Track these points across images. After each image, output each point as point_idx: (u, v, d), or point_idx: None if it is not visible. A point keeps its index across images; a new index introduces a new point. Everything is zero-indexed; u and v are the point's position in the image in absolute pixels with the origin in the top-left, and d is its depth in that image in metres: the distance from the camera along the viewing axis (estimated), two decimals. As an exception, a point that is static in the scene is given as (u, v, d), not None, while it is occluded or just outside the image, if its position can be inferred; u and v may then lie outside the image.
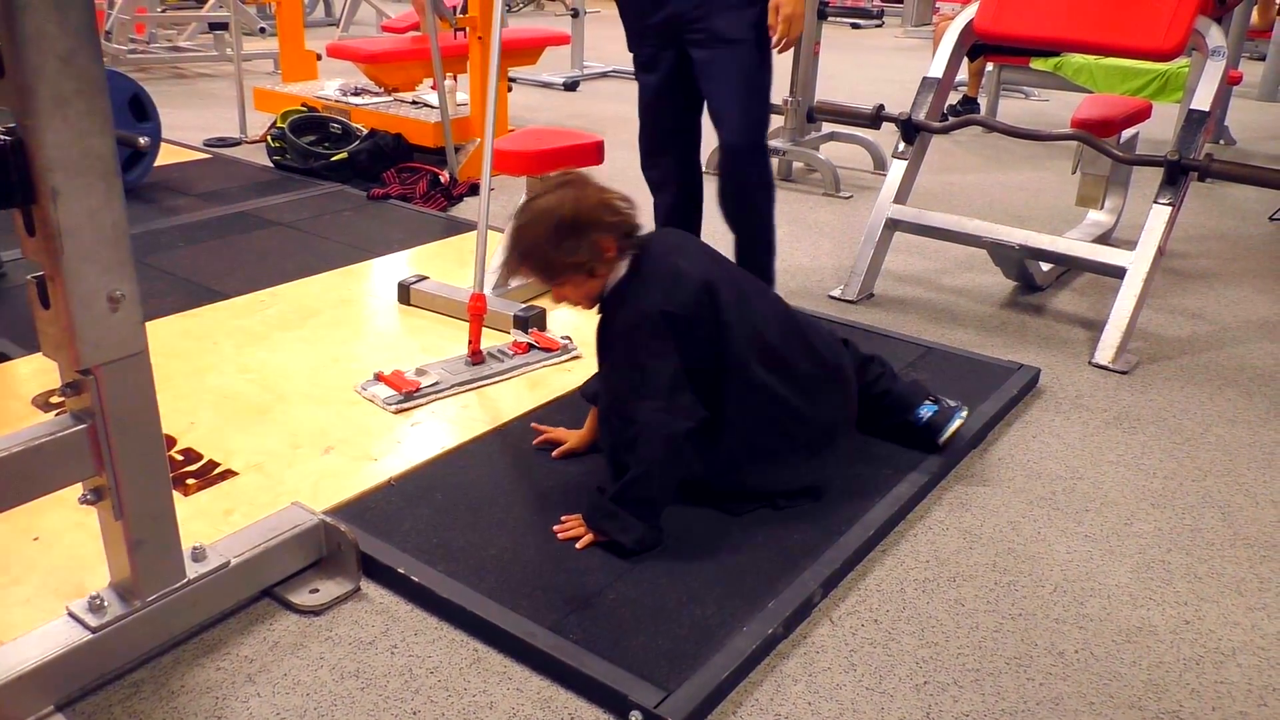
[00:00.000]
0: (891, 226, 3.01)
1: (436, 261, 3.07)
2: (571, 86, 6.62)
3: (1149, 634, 1.59)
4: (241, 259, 3.09)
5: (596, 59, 7.31)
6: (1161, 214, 2.63)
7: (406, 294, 2.72)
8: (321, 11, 9.53)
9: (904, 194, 3.02)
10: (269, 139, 4.29)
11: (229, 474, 1.88)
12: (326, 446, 1.99)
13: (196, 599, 1.47)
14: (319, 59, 5.42)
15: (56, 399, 2.12)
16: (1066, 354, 2.63)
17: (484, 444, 2.03)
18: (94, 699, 1.38)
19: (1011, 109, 6.08)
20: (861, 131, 4.52)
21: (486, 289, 2.40)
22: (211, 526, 1.70)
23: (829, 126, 4.54)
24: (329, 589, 1.60)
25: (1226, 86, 2.76)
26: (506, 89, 4.83)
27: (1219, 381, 2.51)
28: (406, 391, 2.18)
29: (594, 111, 5.89)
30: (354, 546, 1.61)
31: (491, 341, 2.44)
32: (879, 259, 3.02)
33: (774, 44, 2.39)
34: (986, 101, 5.73)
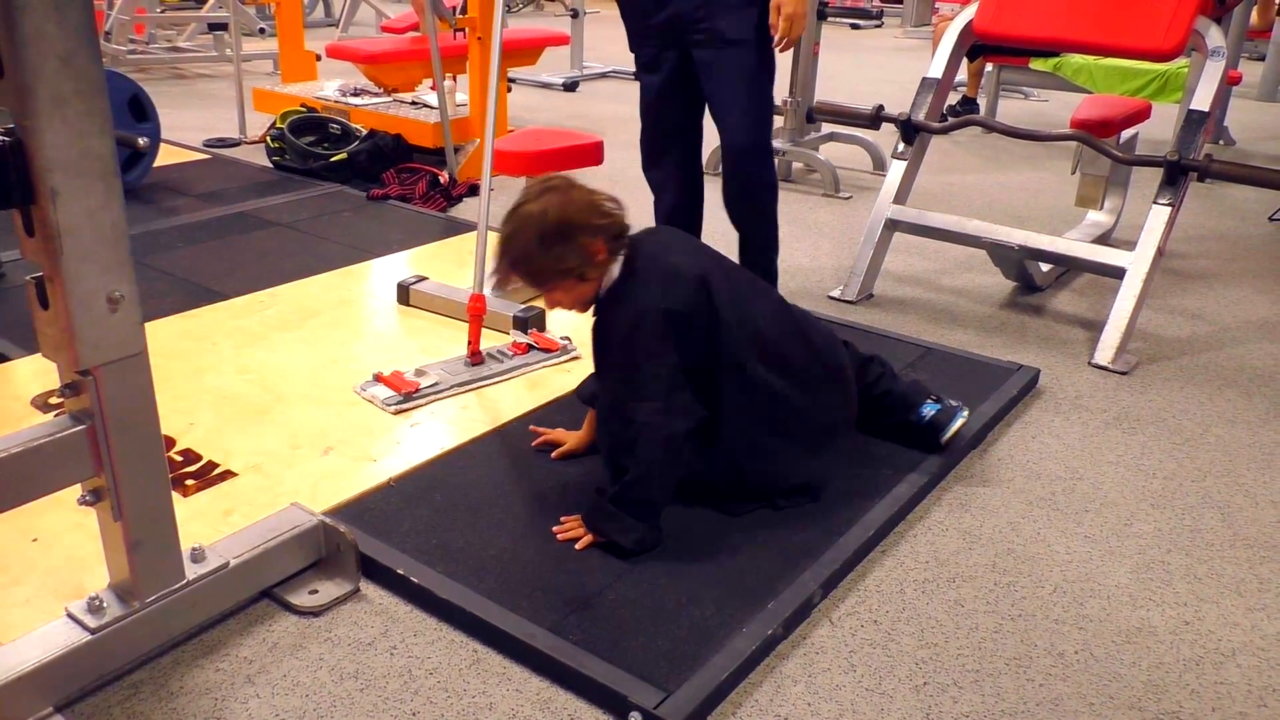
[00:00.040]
0: (891, 227, 3.01)
1: (436, 262, 3.07)
2: (571, 87, 6.62)
3: (1149, 635, 1.59)
4: (241, 260, 3.09)
5: (596, 59, 7.32)
6: (1161, 214, 2.63)
7: (406, 294, 2.72)
8: (321, 12, 9.53)
9: (903, 194, 3.02)
10: (268, 139, 4.29)
11: (228, 475, 1.88)
12: (326, 447, 1.99)
13: (195, 600, 1.47)
14: (318, 59, 5.42)
15: (55, 400, 2.11)
16: (1066, 354, 2.63)
17: (483, 445, 2.03)
18: (93, 700, 1.38)
19: (1011, 109, 6.08)
20: (861, 132, 4.53)
21: (486, 289, 2.39)
22: (211, 527, 1.70)
23: (828, 127, 4.55)
24: (328, 590, 1.60)
25: (1226, 87, 2.75)
26: (506, 89, 4.83)
27: (1218, 382, 2.51)
28: (406, 392, 2.18)
29: (593, 112, 5.89)
30: (353, 547, 1.61)
31: (491, 342, 2.44)
32: (878, 259, 3.02)
33: (775, 43, 2.38)
34: (986, 102, 5.73)
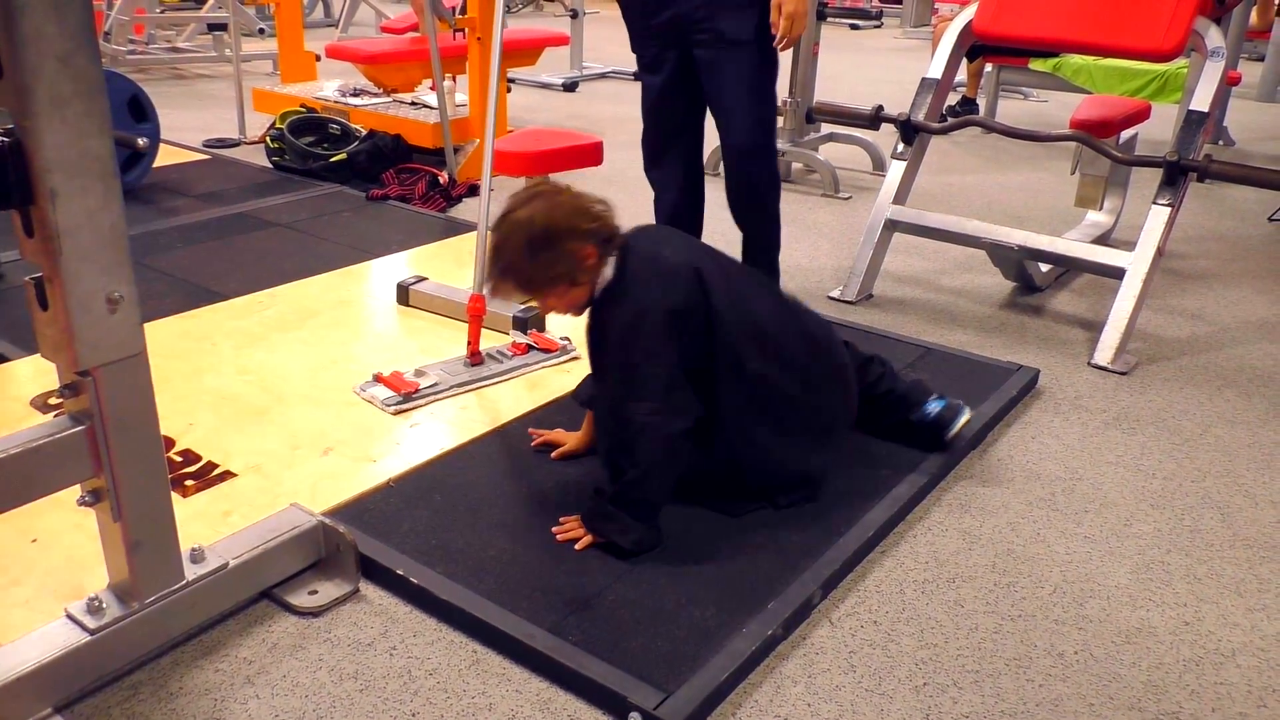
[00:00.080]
0: (890, 227, 3.01)
1: (435, 262, 3.07)
2: (570, 87, 6.62)
3: (1148, 635, 1.59)
4: (240, 260, 3.08)
5: (595, 60, 7.32)
6: (1160, 215, 2.63)
7: (405, 295, 2.72)
8: (320, 12, 9.52)
9: (903, 195, 3.02)
10: (268, 140, 4.29)
11: (228, 475, 1.88)
12: (325, 448, 1.99)
13: (195, 600, 1.47)
14: (318, 60, 5.42)
15: (55, 400, 2.11)
16: (1065, 355, 2.63)
17: (483, 445, 2.03)
18: (92, 701, 1.38)
19: (1010, 110, 6.08)
20: (860, 132, 4.53)
21: (485, 290, 2.39)
22: (210, 528, 1.70)
23: (828, 127, 4.54)
24: (328, 590, 1.60)
25: (1225, 87, 2.75)
26: (505, 90, 4.83)
27: (1218, 382, 2.51)
28: (405, 393, 2.18)
29: (593, 112, 5.89)
30: (353, 548, 1.60)
31: (490, 342, 2.44)
32: (878, 260, 3.02)
33: (776, 42, 2.39)
34: (985, 102, 5.73)
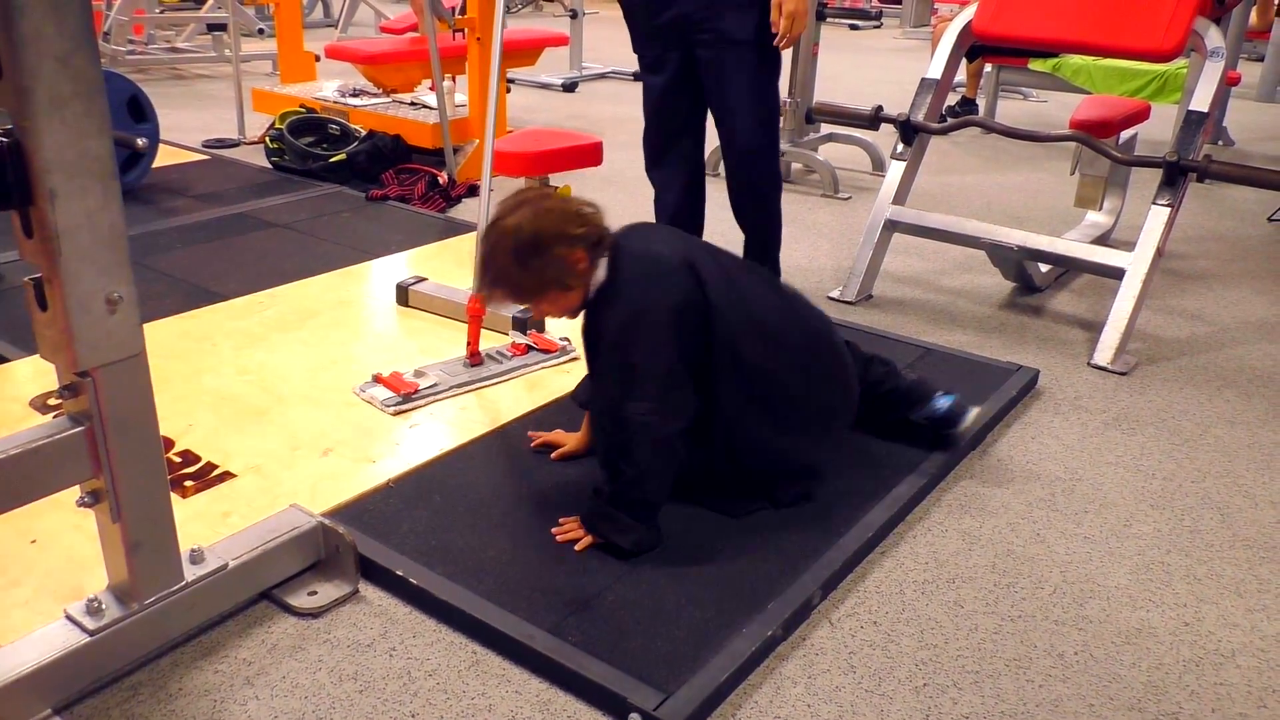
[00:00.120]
0: (890, 227, 3.01)
1: (435, 263, 3.07)
2: (570, 88, 6.62)
3: (1148, 635, 1.59)
4: (240, 260, 3.08)
5: (595, 60, 7.32)
6: (1160, 215, 2.63)
7: (405, 295, 2.72)
8: (320, 12, 9.52)
9: (903, 195, 3.02)
10: (267, 140, 4.29)
11: (227, 476, 1.88)
12: (325, 448, 1.99)
13: (194, 601, 1.47)
14: (317, 60, 5.42)
15: (54, 401, 2.11)
16: (1065, 355, 2.63)
17: (483, 446, 2.03)
18: (92, 702, 1.38)
19: (1010, 110, 6.09)
20: (860, 132, 4.53)
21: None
22: (209, 529, 1.70)
23: (827, 127, 4.54)
24: (327, 591, 1.60)
25: (1225, 87, 2.75)
26: (505, 90, 4.82)
27: (1218, 383, 2.51)
28: (405, 393, 2.17)
29: (592, 112, 5.89)
30: (352, 548, 1.60)
31: (490, 343, 2.44)
32: (878, 260, 3.02)
33: (776, 41, 2.39)
34: (985, 102, 5.73)
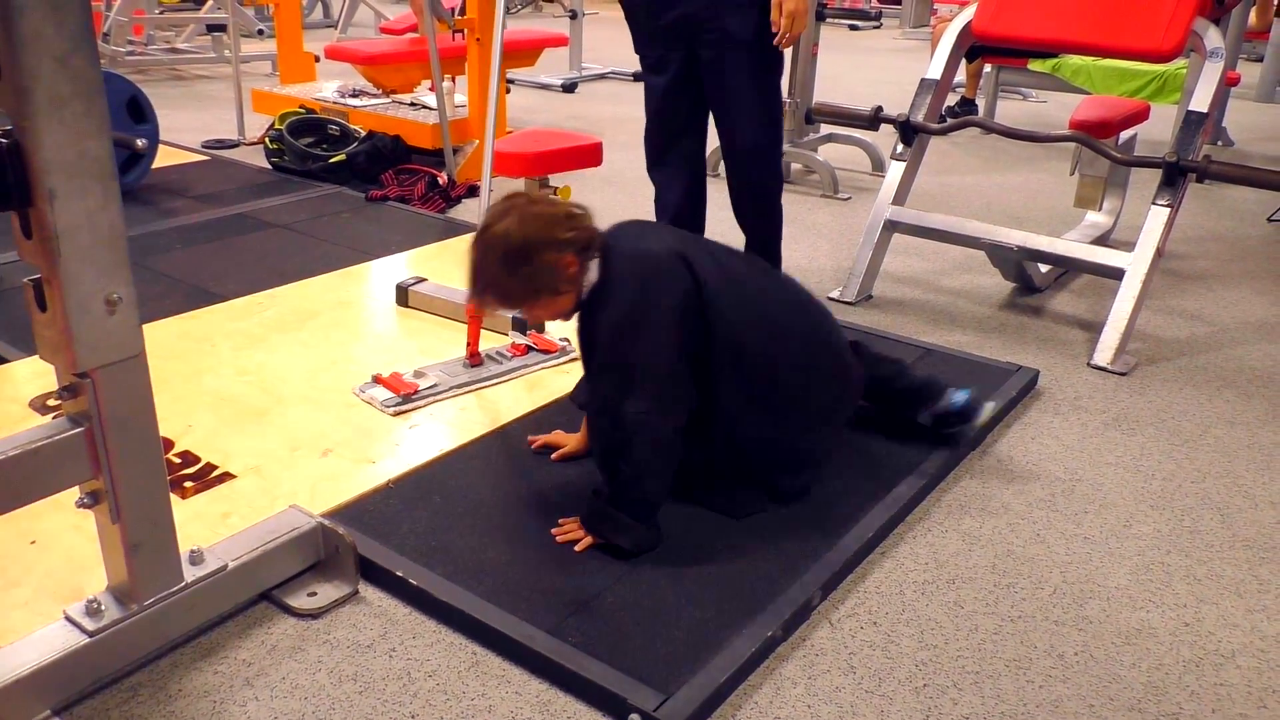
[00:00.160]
0: (890, 228, 3.01)
1: (435, 263, 3.07)
2: (569, 88, 6.62)
3: (1148, 636, 1.59)
4: (239, 261, 3.08)
5: (594, 61, 7.31)
6: (1160, 215, 2.63)
7: (405, 296, 2.72)
8: (320, 13, 9.51)
9: (902, 195, 3.02)
10: (267, 141, 4.29)
11: (227, 477, 1.88)
12: (325, 449, 1.99)
13: (194, 602, 1.47)
14: (317, 61, 5.42)
15: (54, 402, 2.11)
16: (1065, 355, 2.63)
17: (482, 446, 2.03)
18: (91, 703, 1.38)
19: (1009, 110, 6.08)
20: (860, 133, 4.53)
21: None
22: (209, 529, 1.70)
23: (827, 128, 4.54)
24: (327, 592, 1.60)
25: (1224, 88, 2.75)
26: (505, 90, 4.82)
27: (1217, 383, 2.51)
28: (405, 394, 2.17)
29: (592, 113, 5.89)
30: (352, 549, 1.60)
31: (490, 344, 2.44)
32: (877, 260, 3.02)
33: (776, 40, 2.39)
34: (984, 103, 5.73)
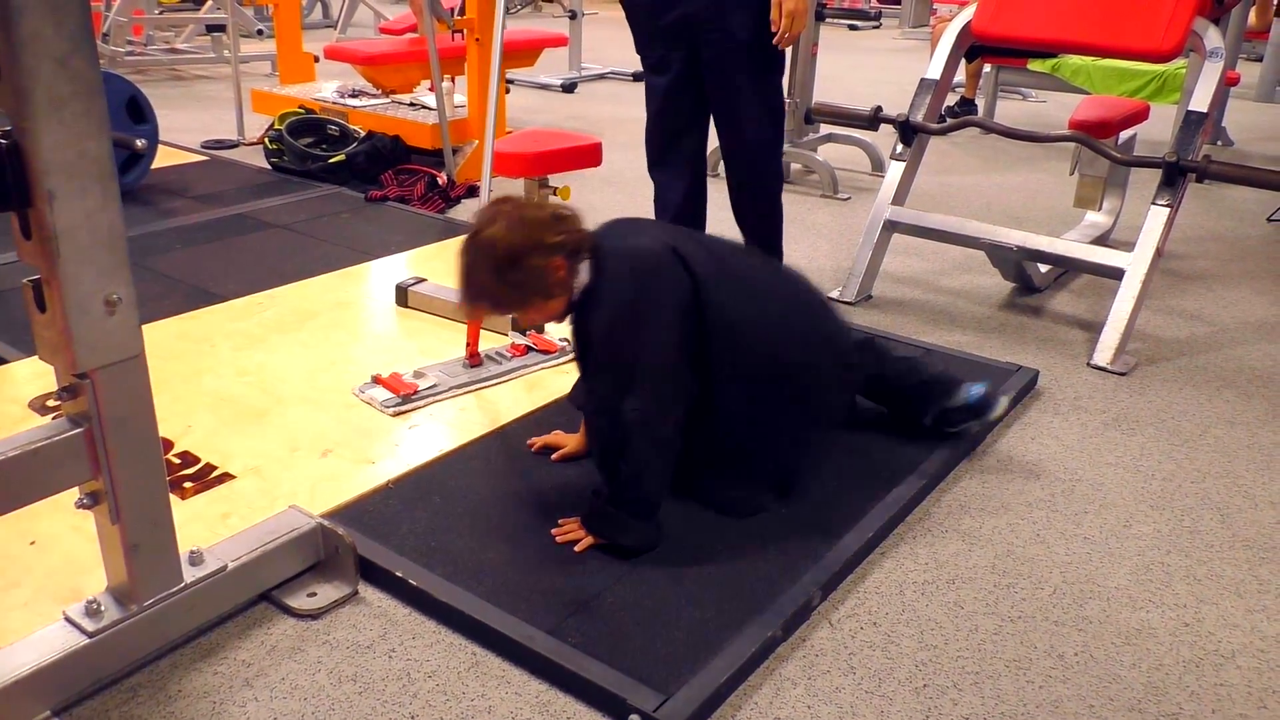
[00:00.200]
0: (889, 228, 3.01)
1: (434, 264, 3.07)
2: (569, 88, 6.62)
3: (1148, 636, 1.58)
4: (239, 261, 3.08)
5: (594, 61, 7.31)
6: (1159, 215, 2.63)
7: (404, 296, 2.72)
8: (319, 13, 9.51)
9: (902, 195, 3.02)
10: (266, 141, 4.29)
11: (226, 477, 1.88)
12: (324, 449, 1.99)
13: (193, 603, 1.47)
14: (316, 61, 5.42)
15: (53, 402, 2.11)
16: (1065, 355, 2.63)
17: (482, 447, 2.03)
18: (91, 704, 1.38)
19: (1009, 110, 6.08)
20: (859, 133, 4.53)
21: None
22: (209, 530, 1.70)
23: (827, 128, 4.54)
24: (327, 593, 1.60)
25: (1224, 88, 2.75)
26: (504, 90, 4.82)
27: (1217, 383, 2.51)
28: (404, 394, 2.17)
29: (591, 113, 5.89)
30: (352, 550, 1.60)
31: (489, 344, 2.44)
32: (877, 260, 3.02)
33: (776, 39, 2.39)
34: (984, 103, 5.73)
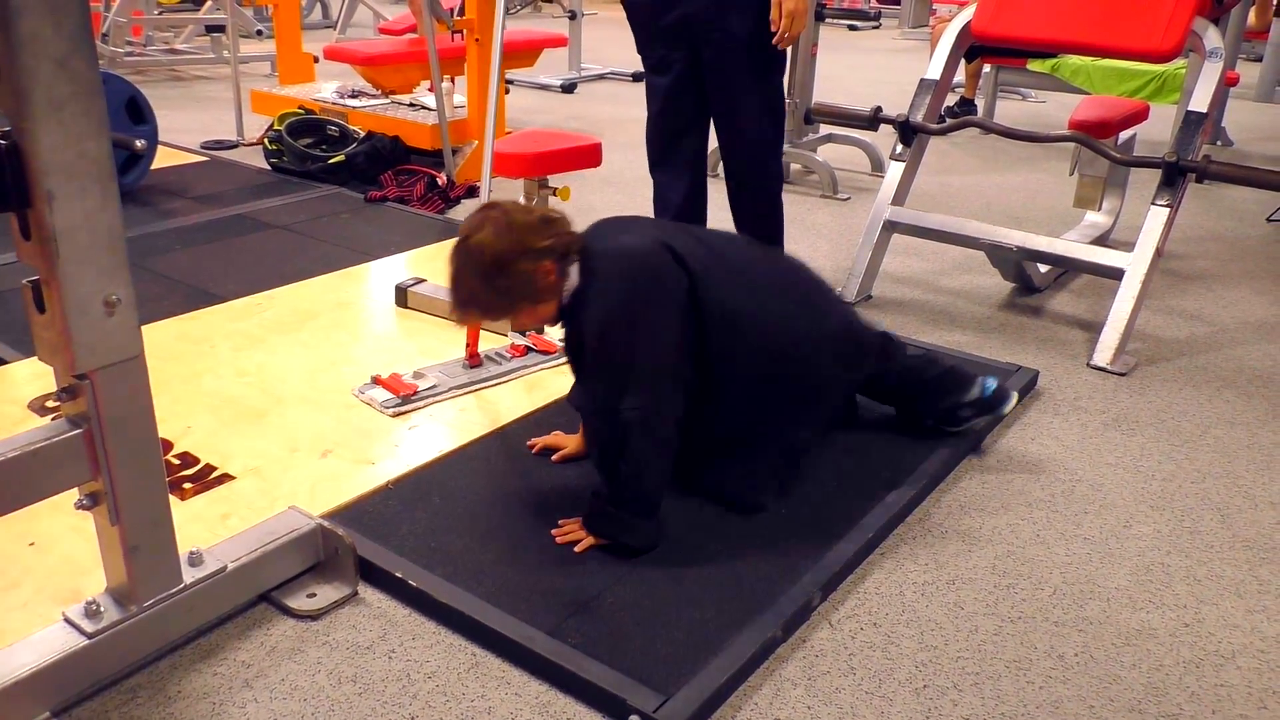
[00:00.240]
0: (889, 228, 3.01)
1: (434, 264, 3.06)
2: (569, 89, 6.62)
3: (1148, 637, 1.58)
4: (238, 262, 3.08)
5: (594, 61, 7.31)
6: (1159, 215, 2.63)
7: (404, 297, 2.72)
8: (319, 14, 9.51)
9: (902, 195, 3.01)
10: (266, 141, 4.29)
11: (226, 478, 1.88)
12: (324, 450, 1.99)
13: (193, 604, 1.47)
14: (316, 61, 5.41)
15: (52, 403, 2.11)
16: (1065, 356, 2.63)
17: (482, 447, 2.03)
18: (90, 705, 1.38)
19: (1009, 110, 6.08)
20: (859, 133, 4.53)
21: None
22: (208, 531, 1.69)
23: (826, 128, 4.54)
24: (326, 593, 1.60)
25: (1224, 88, 2.75)
26: (504, 91, 4.82)
27: (1217, 383, 2.51)
28: (404, 395, 2.17)
29: (591, 113, 5.89)
30: (351, 550, 1.60)
31: (489, 344, 2.44)
32: (877, 261, 3.02)
33: (775, 39, 2.39)
34: (984, 103, 5.73)
